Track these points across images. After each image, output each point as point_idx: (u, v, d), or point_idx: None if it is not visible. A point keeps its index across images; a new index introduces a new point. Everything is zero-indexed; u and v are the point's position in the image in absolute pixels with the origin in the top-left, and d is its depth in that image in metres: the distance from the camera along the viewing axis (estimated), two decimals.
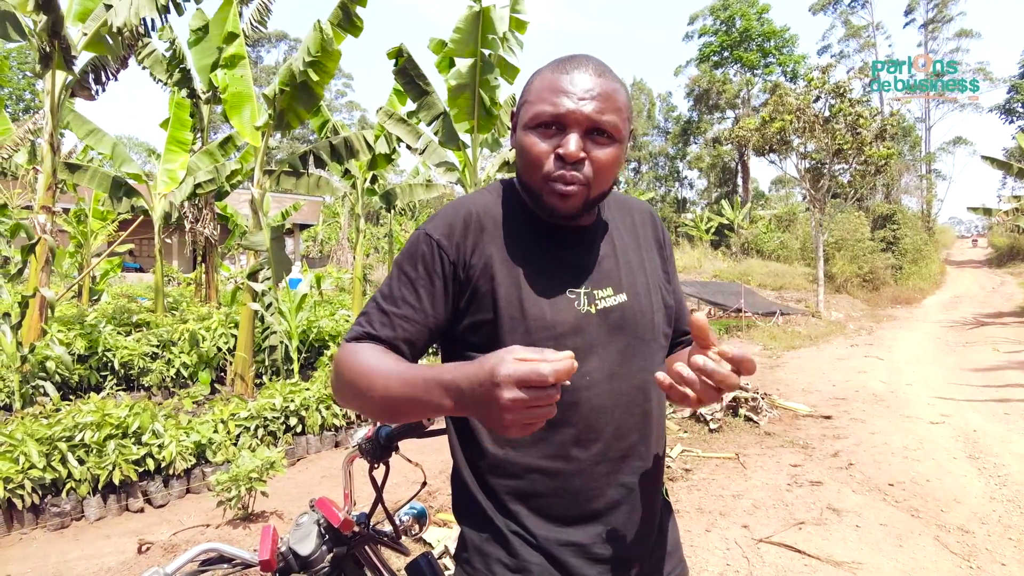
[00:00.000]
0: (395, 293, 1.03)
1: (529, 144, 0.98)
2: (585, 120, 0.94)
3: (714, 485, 4.65)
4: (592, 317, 1.02)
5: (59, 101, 6.43)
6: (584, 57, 0.99)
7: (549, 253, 1.04)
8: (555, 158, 0.96)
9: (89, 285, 11.85)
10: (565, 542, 1.01)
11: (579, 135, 0.95)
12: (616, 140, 0.97)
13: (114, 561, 3.42)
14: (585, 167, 0.96)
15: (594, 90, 0.95)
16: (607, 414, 1.01)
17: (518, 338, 0.98)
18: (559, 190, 0.97)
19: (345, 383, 0.97)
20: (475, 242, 1.03)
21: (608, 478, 1.02)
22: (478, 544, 1.05)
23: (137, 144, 41.75)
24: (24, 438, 4.01)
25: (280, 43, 49.70)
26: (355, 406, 0.99)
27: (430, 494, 4.11)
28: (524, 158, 0.99)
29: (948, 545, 3.62)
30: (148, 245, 21.39)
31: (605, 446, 1.01)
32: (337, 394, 1.01)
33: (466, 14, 7.61)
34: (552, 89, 0.96)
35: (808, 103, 17.51)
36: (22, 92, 34.42)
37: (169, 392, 7.07)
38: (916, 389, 8.07)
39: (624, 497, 1.04)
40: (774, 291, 21.76)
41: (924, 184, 39.55)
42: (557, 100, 0.95)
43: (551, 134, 0.96)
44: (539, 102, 0.97)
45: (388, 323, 1.02)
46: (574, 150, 0.94)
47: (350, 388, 0.96)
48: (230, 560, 1.32)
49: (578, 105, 0.94)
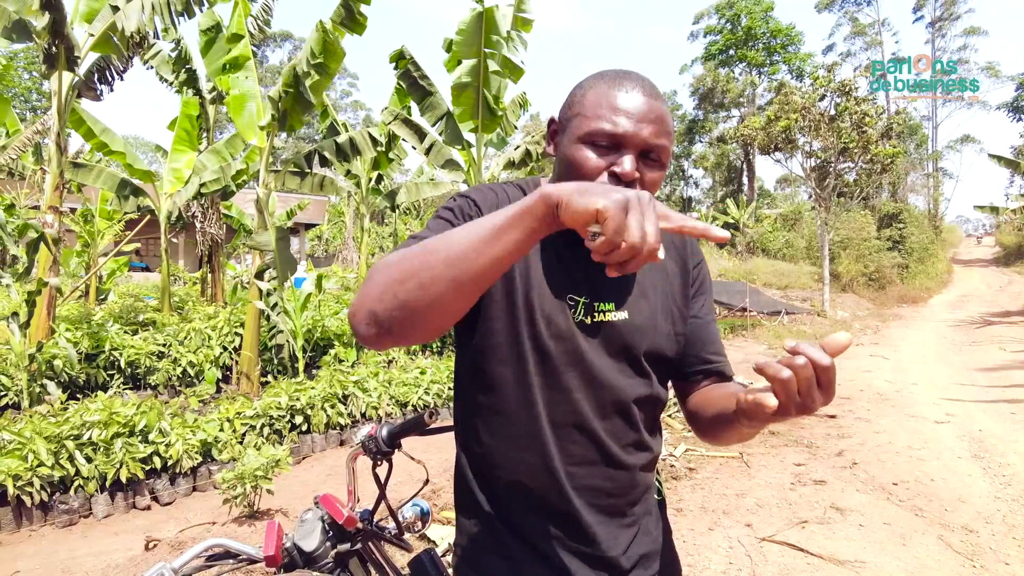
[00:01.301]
0: (432, 231, 1.00)
1: (583, 158, 0.97)
2: (642, 143, 0.95)
3: (718, 484, 4.65)
4: (587, 327, 1.05)
5: (66, 102, 6.47)
6: (638, 76, 1.00)
7: (561, 256, 1.06)
8: (609, 175, 0.95)
9: (96, 284, 11.92)
10: (549, 534, 1.06)
11: (634, 156, 0.95)
12: (663, 165, 0.99)
13: (122, 558, 3.45)
14: (635, 186, 0.96)
15: (651, 113, 0.95)
16: (587, 421, 1.04)
17: (525, 327, 1.03)
18: None
19: (391, 272, 0.80)
20: None
21: (585, 480, 1.06)
22: (470, 531, 1.12)
23: (143, 144, 41.93)
24: (33, 436, 4.04)
25: (285, 43, 49.83)
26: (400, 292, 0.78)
27: (434, 492, 4.13)
28: (574, 170, 0.98)
29: (952, 544, 3.62)
30: (154, 245, 21.48)
31: (582, 449, 1.05)
32: (370, 295, 0.81)
33: (469, 15, 7.63)
34: (611, 107, 0.96)
35: (814, 102, 17.45)
36: (29, 93, 34.61)
37: (175, 391, 7.11)
38: (922, 388, 8.05)
39: (600, 501, 1.07)
40: (779, 290, 21.70)
41: (931, 182, 39.37)
42: (616, 119, 0.95)
43: (605, 151, 0.96)
44: (596, 118, 0.96)
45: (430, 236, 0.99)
46: (630, 170, 0.94)
47: (398, 273, 0.79)
48: (236, 556, 1.34)
49: (637, 128, 0.94)
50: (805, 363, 0.69)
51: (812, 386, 0.70)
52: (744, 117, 35.27)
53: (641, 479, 1.11)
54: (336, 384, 6.03)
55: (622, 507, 1.10)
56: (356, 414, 5.95)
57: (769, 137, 18.39)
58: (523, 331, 1.03)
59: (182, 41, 9.13)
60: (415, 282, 0.77)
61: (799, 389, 0.70)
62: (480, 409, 1.09)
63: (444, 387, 6.82)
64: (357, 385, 6.14)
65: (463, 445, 1.14)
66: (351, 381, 6.17)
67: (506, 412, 1.06)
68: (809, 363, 0.69)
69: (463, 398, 1.14)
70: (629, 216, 0.66)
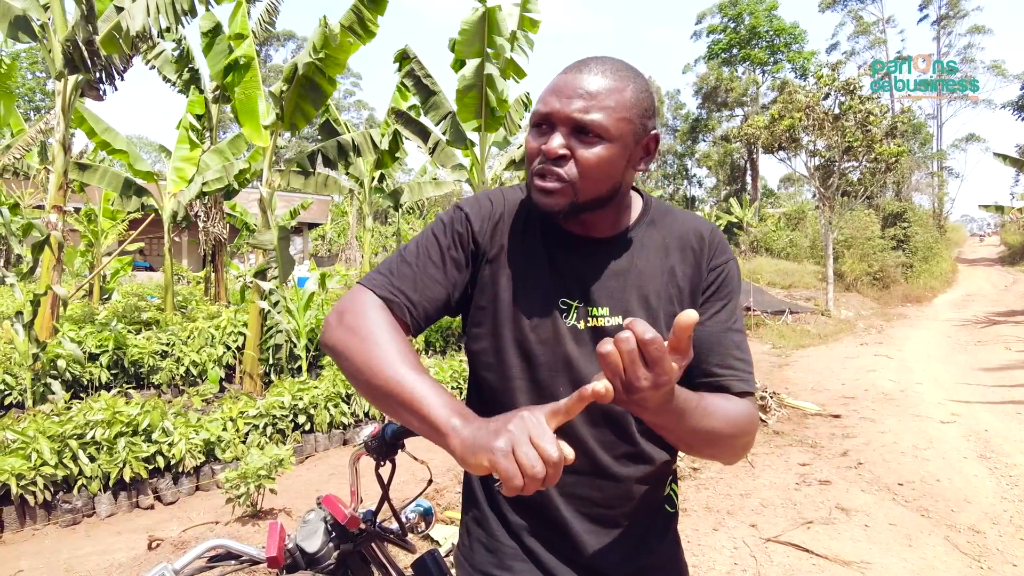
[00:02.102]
0: (420, 252, 1.04)
1: (526, 142, 1.01)
2: (568, 119, 0.93)
3: (722, 484, 4.63)
4: (579, 332, 1.03)
5: (70, 101, 6.47)
6: (596, 58, 0.98)
7: (555, 259, 1.05)
8: (541, 155, 0.96)
9: (100, 284, 11.95)
10: (533, 531, 1.07)
11: (564, 133, 0.94)
12: (606, 139, 0.94)
13: (124, 557, 3.45)
14: (569, 166, 0.95)
15: (587, 88, 0.93)
16: (575, 429, 1.03)
17: (509, 332, 1.04)
18: (539, 185, 0.97)
19: (344, 333, 0.94)
20: (495, 228, 1.07)
21: (573, 488, 1.05)
22: (468, 524, 1.16)
23: (147, 144, 42.02)
24: (36, 435, 4.05)
25: (288, 42, 49.88)
26: (340, 359, 0.94)
27: (437, 492, 4.12)
28: (527, 158, 1.01)
29: (959, 545, 3.60)
30: (158, 244, 21.52)
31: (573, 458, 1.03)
32: (328, 335, 0.96)
33: (471, 15, 7.62)
34: (550, 88, 0.97)
35: (818, 100, 17.39)
36: (33, 93, 34.72)
37: (178, 390, 7.12)
38: (926, 388, 8.01)
39: (590, 510, 1.06)
40: (783, 289, 21.65)
41: (935, 182, 39.23)
42: (547, 99, 0.96)
43: (542, 132, 0.97)
44: (539, 101, 0.99)
45: (410, 276, 1.01)
46: (552, 146, 0.94)
47: (346, 342, 0.93)
48: (237, 556, 1.33)
49: (563, 104, 0.94)
50: (628, 336, 0.68)
51: (635, 361, 0.69)
52: (748, 116, 35.20)
53: (639, 491, 1.08)
54: (339, 383, 6.03)
55: (615, 518, 1.07)
56: (359, 413, 5.94)
57: (773, 136, 18.32)
58: (507, 336, 1.04)
59: (184, 41, 9.14)
60: (349, 365, 0.91)
61: (623, 365, 0.69)
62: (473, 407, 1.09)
63: (447, 387, 6.81)
64: None
65: None
66: None
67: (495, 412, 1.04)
68: (632, 337, 0.68)
69: (468, 397, 1.17)
70: (518, 454, 0.68)
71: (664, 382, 0.71)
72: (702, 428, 0.89)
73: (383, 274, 1.02)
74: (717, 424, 0.92)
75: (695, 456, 0.99)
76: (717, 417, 0.92)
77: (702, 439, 0.92)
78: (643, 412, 0.79)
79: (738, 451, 1.01)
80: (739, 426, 0.97)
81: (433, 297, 1.02)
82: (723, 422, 0.93)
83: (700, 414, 0.88)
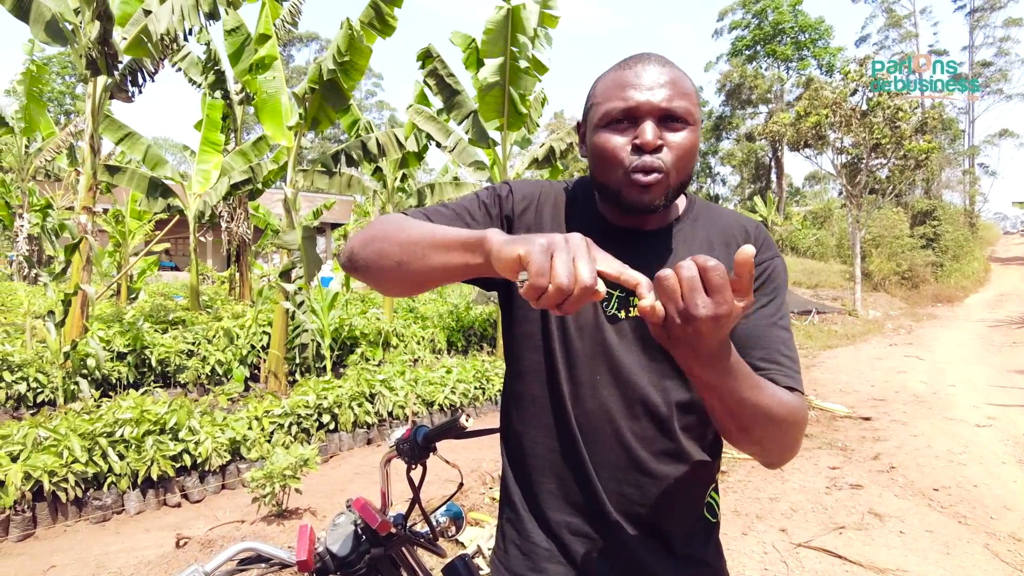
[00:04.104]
0: (461, 203, 1.07)
1: (603, 141, 0.96)
2: (657, 109, 0.93)
3: (750, 487, 4.55)
4: (619, 321, 1.02)
5: (99, 104, 6.58)
6: (646, 54, 0.99)
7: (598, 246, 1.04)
8: (632, 149, 0.94)
9: (127, 284, 12.15)
10: (575, 529, 1.04)
11: (653, 123, 0.94)
12: (691, 124, 0.95)
13: (153, 555, 3.48)
14: (664, 154, 0.94)
15: (661, 79, 0.94)
16: (613, 420, 1.01)
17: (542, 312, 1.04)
18: (640, 181, 0.94)
19: (375, 228, 0.96)
20: (539, 213, 1.09)
21: (612, 484, 1.02)
22: (503, 527, 1.14)
23: (173, 145, 42.72)
24: (67, 433, 4.11)
25: (311, 43, 50.36)
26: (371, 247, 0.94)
27: (462, 492, 4.10)
28: (600, 156, 0.97)
29: (999, 554, 3.48)
30: (183, 244, 21.86)
31: (606, 450, 1.02)
32: (359, 244, 0.96)
33: (495, 15, 7.59)
34: (619, 85, 0.96)
35: (845, 96, 17.09)
36: (63, 97, 35.48)
37: (204, 389, 7.20)
38: (960, 390, 7.81)
39: (631, 509, 1.03)
40: (809, 289, 21.33)
41: (967, 179, 38.34)
42: (626, 94, 0.94)
43: (624, 128, 0.95)
44: (607, 100, 0.96)
45: (445, 213, 1.04)
46: (651, 138, 0.92)
47: (378, 231, 0.94)
48: (268, 559, 1.32)
49: (648, 95, 0.93)
50: (690, 264, 0.66)
51: (695, 287, 0.66)
52: (772, 113, 34.71)
53: (678, 493, 1.03)
54: (363, 383, 6.04)
55: (655, 521, 1.03)
56: (383, 413, 5.95)
57: (798, 133, 18.06)
58: (552, 320, 1.04)
59: (211, 43, 9.25)
60: (379, 246, 0.91)
61: (682, 292, 0.66)
62: (515, 396, 1.10)
63: (470, 387, 6.80)
64: (384, 384, 6.15)
65: (503, 434, 1.15)
66: (378, 380, 6.18)
67: (538, 400, 1.05)
68: (693, 264, 0.66)
69: (505, 384, 1.16)
70: (555, 258, 0.64)
71: (724, 312, 0.66)
72: (751, 401, 0.81)
73: (418, 208, 1.05)
74: (769, 402, 0.84)
75: (739, 445, 0.89)
76: (769, 394, 0.84)
77: (750, 416, 0.83)
78: (694, 357, 0.73)
79: (787, 447, 0.93)
80: (792, 412, 0.89)
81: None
82: (775, 401, 0.85)
83: (752, 384, 0.81)
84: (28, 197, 14.92)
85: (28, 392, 5.93)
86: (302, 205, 9.58)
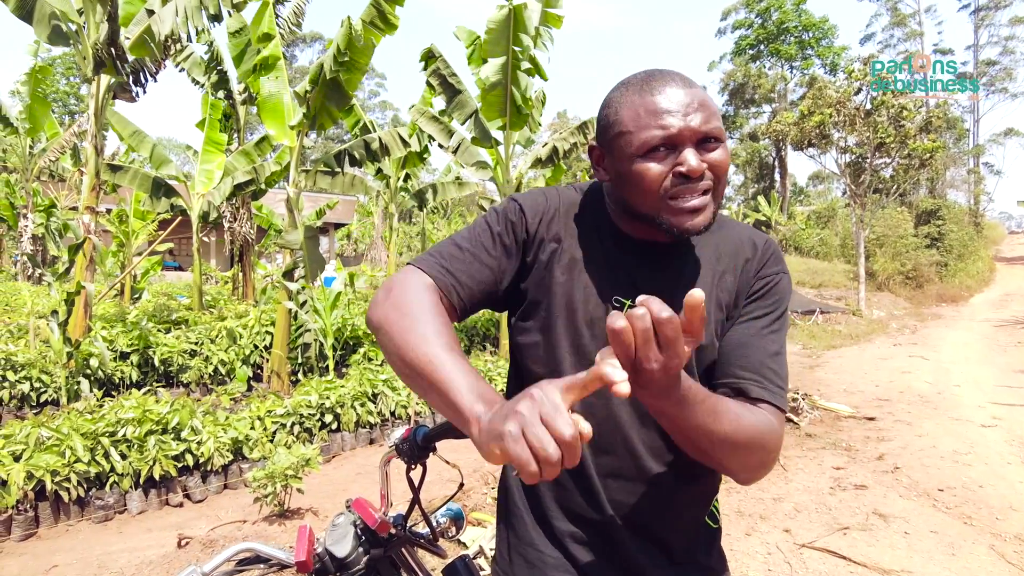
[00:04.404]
0: (472, 237, 1.05)
1: (643, 171, 0.94)
2: (697, 134, 0.93)
3: (754, 488, 4.53)
4: None
5: (102, 104, 6.58)
6: (663, 72, 0.98)
7: (610, 258, 1.05)
8: (674, 176, 0.94)
9: (131, 283, 12.17)
10: (580, 539, 1.04)
11: (694, 149, 0.93)
12: (723, 141, 0.96)
13: (155, 554, 3.48)
14: (707, 177, 0.95)
15: (694, 102, 0.93)
16: (623, 429, 1.01)
17: (563, 327, 1.02)
18: (689, 206, 0.94)
19: (383, 312, 0.94)
20: (551, 226, 1.07)
21: (618, 495, 1.02)
22: (505, 535, 1.13)
23: (176, 146, 42.81)
24: (70, 432, 4.11)
25: (314, 43, 50.40)
26: (380, 333, 0.93)
27: (464, 493, 4.09)
28: (641, 186, 0.96)
29: (1005, 555, 3.46)
30: (187, 244, 21.91)
31: (618, 459, 1.02)
32: (373, 310, 0.96)
33: (497, 14, 7.58)
34: (652, 112, 0.93)
35: (849, 96, 17.02)
36: (67, 98, 35.58)
37: (207, 389, 7.20)
38: (965, 390, 7.77)
39: (636, 519, 1.03)
40: (813, 289, 21.26)
41: (972, 178, 38.17)
42: (664, 122, 0.92)
43: (663, 156, 0.94)
44: (643, 129, 0.93)
45: (460, 258, 1.02)
46: (696, 165, 0.92)
47: (387, 322, 0.92)
48: (267, 560, 1.31)
49: (686, 121, 0.92)
50: (643, 313, 0.64)
51: (648, 340, 0.65)
52: (776, 112, 34.61)
53: (684, 503, 1.05)
54: (366, 383, 6.04)
55: (660, 530, 1.04)
56: (386, 413, 5.94)
57: (802, 133, 17.99)
58: (559, 330, 1.03)
59: (214, 44, 9.26)
60: (385, 341, 0.91)
61: (636, 344, 0.65)
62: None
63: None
64: (387, 384, 6.14)
65: None
66: (380, 380, 6.17)
67: None
68: (647, 314, 0.64)
69: (508, 387, 1.15)
70: (529, 438, 0.61)
71: (675, 366, 0.67)
72: (707, 428, 0.82)
73: (434, 255, 1.02)
74: (728, 427, 0.83)
75: (704, 462, 0.90)
76: (728, 420, 0.84)
77: (706, 441, 0.84)
78: (644, 393, 0.73)
79: (753, 467, 0.92)
80: (755, 437, 0.88)
81: (481, 280, 1.01)
82: (734, 427, 0.84)
83: (707, 410, 0.81)
84: (32, 197, 14.97)
85: (31, 392, 5.94)
86: (305, 205, 9.59)
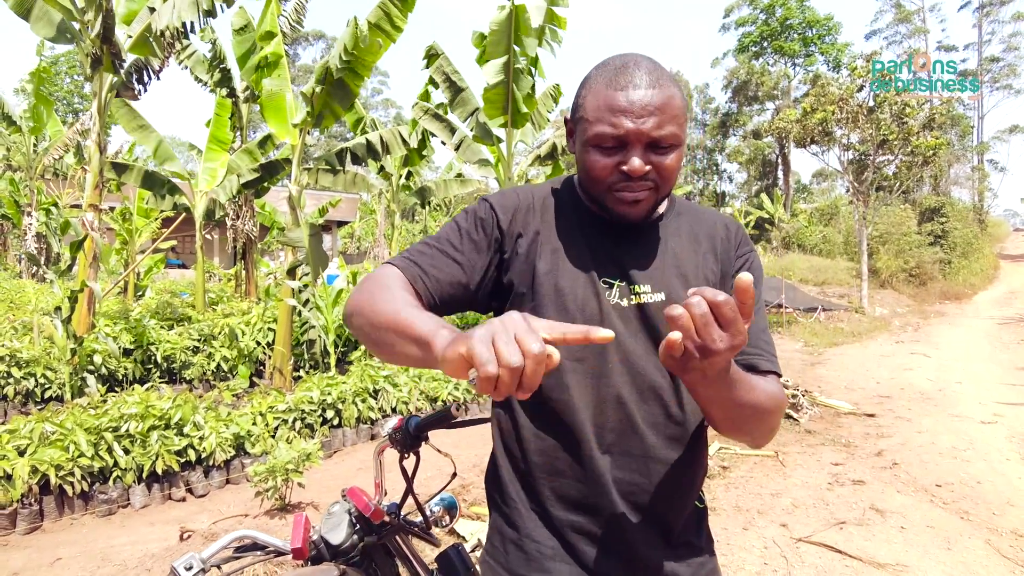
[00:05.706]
0: (440, 235, 1.09)
1: (592, 162, 1.00)
2: (646, 138, 0.95)
3: (752, 483, 4.55)
4: (623, 309, 1.03)
5: (105, 102, 6.62)
6: (635, 65, 0.98)
7: (591, 242, 1.07)
8: (619, 172, 0.98)
9: (134, 281, 12.23)
10: (579, 527, 1.03)
11: (641, 150, 0.96)
12: (676, 147, 0.98)
13: (157, 548, 3.52)
14: (650, 176, 0.98)
15: (651, 104, 0.95)
16: (620, 407, 1.02)
17: (554, 313, 1.02)
18: (628, 198, 1.00)
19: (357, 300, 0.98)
20: (526, 220, 1.09)
21: (616, 472, 1.03)
22: (498, 525, 1.11)
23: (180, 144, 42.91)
24: (74, 428, 4.15)
25: (317, 42, 50.44)
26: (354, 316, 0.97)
27: (463, 487, 4.12)
28: (588, 174, 1.01)
29: (1001, 550, 3.47)
30: (190, 242, 21.97)
31: (616, 437, 1.03)
32: (348, 301, 1.00)
33: (499, 15, 7.61)
34: (610, 108, 0.96)
35: (851, 93, 16.97)
36: (71, 96, 35.67)
37: (210, 385, 7.25)
38: (966, 387, 7.77)
39: (639, 499, 1.03)
40: (816, 286, 21.23)
41: (976, 175, 38.04)
42: (616, 120, 0.95)
43: (612, 151, 0.98)
44: (598, 122, 0.97)
45: (427, 252, 1.05)
46: (638, 167, 0.96)
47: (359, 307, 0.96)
48: (263, 547, 1.34)
49: (637, 124, 0.95)
50: (699, 300, 0.70)
51: (709, 323, 0.70)
52: (779, 110, 34.52)
53: (682, 478, 1.05)
54: (367, 379, 6.07)
55: (656, 508, 1.04)
56: (387, 408, 5.98)
57: (805, 130, 17.95)
58: (551, 317, 1.01)
59: (217, 42, 9.29)
60: (358, 322, 0.95)
61: (696, 327, 0.70)
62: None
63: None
64: (387, 380, 6.18)
65: (500, 434, 1.12)
66: (381, 376, 6.21)
67: (540, 395, 1.03)
68: (703, 300, 0.70)
69: None
70: (497, 343, 0.63)
71: (740, 343, 0.71)
72: (748, 401, 0.90)
73: (403, 253, 1.07)
74: (761, 398, 0.92)
75: (730, 434, 0.98)
76: (760, 390, 0.93)
77: (747, 413, 0.92)
78: (703, 380, 0.79)
79: (772, 430, 1.02)
80: (778, 402, 0.98)
81: (449, 273, 1.04)
82: (765, 396, 0.94)
83: (748, 386, 0.89)
84: (36, 195, 15.05)
85: (36, 388, 5.99)
86: (308, 203, 9.62)
